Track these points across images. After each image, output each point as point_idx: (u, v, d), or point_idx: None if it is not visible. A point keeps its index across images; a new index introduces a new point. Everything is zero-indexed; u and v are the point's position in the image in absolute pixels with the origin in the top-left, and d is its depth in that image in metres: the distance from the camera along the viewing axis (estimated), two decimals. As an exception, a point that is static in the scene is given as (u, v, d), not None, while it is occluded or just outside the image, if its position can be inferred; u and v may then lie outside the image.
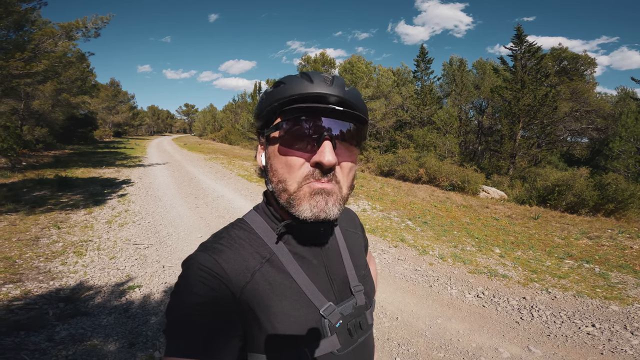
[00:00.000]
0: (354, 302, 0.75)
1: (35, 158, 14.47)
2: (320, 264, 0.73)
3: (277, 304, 0.65)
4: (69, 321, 2.98)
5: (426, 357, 2.82)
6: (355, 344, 0.73)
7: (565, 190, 9.23)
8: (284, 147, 0.65)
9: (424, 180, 12.63)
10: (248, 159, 18.22)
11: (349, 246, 0.84)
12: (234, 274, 0.64)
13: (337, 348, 0.69)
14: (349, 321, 0.73)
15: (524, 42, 16.39)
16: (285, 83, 0.66)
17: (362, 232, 0.96)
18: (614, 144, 13.38)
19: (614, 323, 3.38)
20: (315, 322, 0.68)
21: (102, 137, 36.23)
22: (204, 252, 0.66)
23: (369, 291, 0.82)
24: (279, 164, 0.66)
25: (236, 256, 0.66)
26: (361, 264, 0.84)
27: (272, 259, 0.69)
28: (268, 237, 0.71)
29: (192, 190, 9.30)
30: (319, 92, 0.63)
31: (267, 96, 0.68)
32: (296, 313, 0.66)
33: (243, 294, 0.64)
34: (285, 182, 0.65)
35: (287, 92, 0.65)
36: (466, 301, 3.82)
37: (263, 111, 0.68)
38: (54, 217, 6.13)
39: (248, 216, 0.76)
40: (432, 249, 5.47)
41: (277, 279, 0.67)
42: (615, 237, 6.46)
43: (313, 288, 0.70)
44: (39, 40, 10.00)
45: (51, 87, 15.88)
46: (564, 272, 4.73)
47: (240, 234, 0.71)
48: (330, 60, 20.24)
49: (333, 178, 0.64)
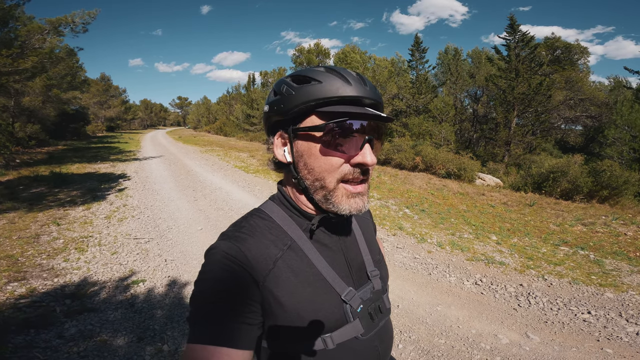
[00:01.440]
0: (371, 286, 0.78)
1: (29, 155, 14.32)
2: (338, 250, 0.75)
3: (300, 291, 0.67)
4: (77, 317, 3.01)
5: (427, 343, 2.90)
6: (377, 328, 0.76)
7: (559, 177, 9.33)
8: (326, 147, 0.66)
9: (421, 168, 12.71)
10: (244, 150, 18.16)
11: (362, 231, 0.86)
12: (257, 262, 0.65)
13: (361, 332, 0.72)
14: (369, 305, 0.75)
15: (517, 32, 16.40)
16: (321, 81, 0.66)
17: (370, 217, 0.98)
18: (609, 132, 13.50)
19: (609, 310, 3.44)
20: (337, 307, 0.70)
21: (94, 132, 35.85)
22: (227, 241, 0.67)
23: (384, 276, 0.85)
24: (316, 162, 0.67)
25: (258, 244, 0.67)
26: (375, 249, 0.87)
27: (293, 247, 0.70)
28: (288, 226, 0.72)
29: (189, 183, 9.29)
30: (358, 95, 0.66)
31: (298, 92, 0.66)
32: (319, 299, 0.68)
33: (266, 282, 0.65)
34: (324, 180, 0.67)
35: (325, 92, 0.65)
36: (465, 288, 3.90)
37: (294, 108, 0.67)
38: (52, 213, 6.12)
39: (266, 206, 0.77)
40: (430, 237, 5.55)
41: (299, 266, 0.69)
42: (610, 224, 6.58)
43: (333, 274, 0.71)
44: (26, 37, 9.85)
45: (41, 84, 15.68)
46: (559, 259, 4.83)
47: (260, 222, 0.72)
48: (324, 50, 20.11)
49: (368, 176, 0.68)
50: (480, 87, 21.29)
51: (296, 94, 0.66)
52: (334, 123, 0.64)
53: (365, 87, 0.68)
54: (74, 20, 10.58)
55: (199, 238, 5.10)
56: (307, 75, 0.67)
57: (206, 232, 5.37)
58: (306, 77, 0.67)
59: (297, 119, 0.68)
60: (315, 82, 0.66)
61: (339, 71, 0.68)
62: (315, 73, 0.67)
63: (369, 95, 0.67)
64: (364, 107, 0.68)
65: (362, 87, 0.67)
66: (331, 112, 0.65)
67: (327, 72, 0.67)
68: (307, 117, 0.67)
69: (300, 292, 0.67)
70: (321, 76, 0.66)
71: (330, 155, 0.66)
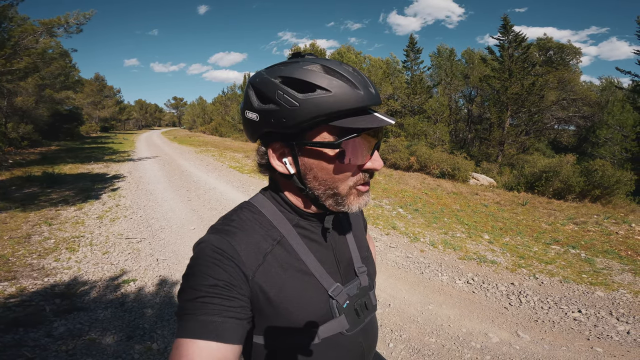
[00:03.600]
0: (358, 283, 0.78)
1: (22, 155, 14.17)
2: (328, 246, 0.75)
3: (288, 286, 0.67)
4: (66, 316, 2.99)
5: (418, 342, 2.91)
6: (363, 324, 0.77)
7: (552, 177, 9.41)
8: (340, 162, 0.64)
9: (415, 168, 12.77)
10: (239, 151, 18.11)
11: (352, 228, 0.86)
12: (247, 256, 0.64)
13: (346, 328, 0.72)
14: (355, 302, 0.75)
15: (510, 32, 16.59)
16: (330, 91, 0.60)
17: (361, 213, 0.97)
18: (601, 132, 13.65)
19: (599, 309, 3.45)
20: (324, 303, 0.70)
21: (88, 132, 35.66)
22: (217, 234, 0.66)
23: (372, 272, 0.85)
24: (329, 175, 0.65)
25: (248, 238, 0.67)
26: (363, 246, 0.87)
27: (282, 242, 0.70)
28: (277, 220, 0.71)
29: (183, 183, 9.25)
30: (369, 104, 0.63)
31: (304, 105, 0.60)
32: (307, 294, 0.68)
33: (255, 276, 0.64)
34: (337, 188, 0.67)
35: (336, 105, 0.60)
36: (456, 287, 3.92)
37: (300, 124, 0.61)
38: (44, 214, 6.06)
39: (256, 200, 0.75)
40: (423, 236, 5.58)
41: (287, 261, 0.68)
42: (601, 223, 6.65)
43: (321, 270, 0.72)
44: (19, 37, 9.78)
45: (33, 83, 15.59)
46: (550, 258, 4.87)
47: (249, 216, 0.71)
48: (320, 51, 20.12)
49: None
50: (475, 87, 21.44)
51: (301, 106, 0.60)
52: (348, 140, 0.62)
53: (372, 91, 0.64)
54: (68, 21, 10.53)
55: (191, 238, 5.08)
56: (308, 81, 0.60)
57: (199, 232, 5.34)
58: (307, 82, 0.60)
59: (303, 132, 0.63)
60: (321, 91, 0.60)
61: (340, 71, 0.62)
62: (314, 76, 0.61)
63: (376, 101, 0.64)
64: (373, 114, 0.65)
65: (370, 93, 0.63)
66: (345, 127, 0.62)
67: (329, 75, 0.61)
68: (314, 130, 0.63)
69: (288, 287, 0.67)
70: (325, 81, 0.60)
71: (344, 168, 0.65)
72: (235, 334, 0.60)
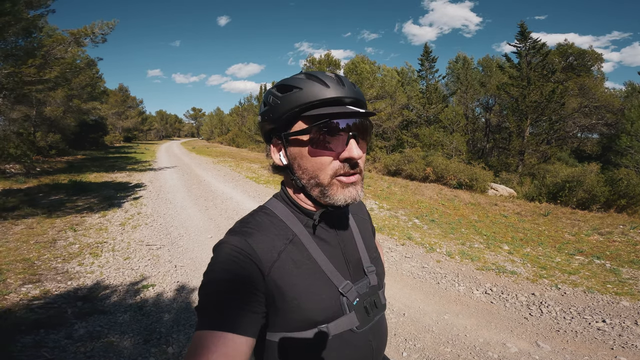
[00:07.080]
0: (367, 281, 0.81)
1: (49, 164, 14.78)
2: (336, 246, 0.79)
3: (300, 282, 0.70)
4: (87, 319, 3.09)
5: (433, 352, 2.86)
6: (372, 322, 0.79)
7: (575, 187, 9.14)
8: (315, 148, 0.71)
9: (432, 179, 12.61)
10: (255, 162, 18.36)
11: (360, 230, 0.90)
12: (263, 254, 0.69)
13: (356, 325, 0.75)
14: (365, 299, 0.78)
15: (528, 39, 16.27)
16: (301, 88, 0.71)
17: (369, 218, 1.02)
18: (621, 140, 13.09)
19: (624, 318, 3.36)
20: (335, 299, 0.73)
21: (112, 142, 36.84)
22: (235, 235, 0.71)
23: (380, 272, 0.88)
24: (309, 163, 0.72)
25: (264, 237, 0.72)
26: (371, 247, 0.90)
27: (295, 240, 0.75)
28: (290, 221, 0.77)
29: (201, 192, 9.44)
30: (337, 96, 0.71)
31: (283, 101, 0.72)
32: (318, 291, 0.72)
33: (271, 272, 0.68)
34: (317, 177, 0.72)
35: (306, 98, 0.70)
36: (474, 297, 3.84)
37: (282, 116, 0.72)
38: (69, 220, 6.30)
39: (270, 203, 0.82)
40: (439, 247, 5.49)
41: (300, 259, 0.73)
42: (627, 233, 6.39)
43: (332, 267, 0.75)
44: (50, 47, 10.22)
45: (62, 94, 16.22)
46: (574, 268, 4.71)
47: (264, 219, 0.77)
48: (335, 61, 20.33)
49: (359, 168, 0.73)
50: (492, 95, 21.10)
51: (281, 102, 0.72)
52: (317, 125, 0.69)
53: (344, 87, 0.72)
54: (94, 31, 10.93)
55: (208, 245, 5.16)
56: (289, 84, 0.73)
57: (216, 240, 5.42)
58: (288, 85, 0.73)
59: (287, 126, 0.74)
60: (296, 90, 0.71)
61: (317, 75, 0.73)
62: (295, 81, 0.73)
63: (348, 95, 0.72)
64: (345, 106, 0.72)
65: (341, 88, 0.72)
66: (314, 115, 0.70)
67: (307, 79, 0.73)
68: (295, 123, 0.73)
69: (300, 284, 0.70)
70: (301, 83, 0.72)
71: (319, 155, 0.71)
72: (251, 327, 0.63)
